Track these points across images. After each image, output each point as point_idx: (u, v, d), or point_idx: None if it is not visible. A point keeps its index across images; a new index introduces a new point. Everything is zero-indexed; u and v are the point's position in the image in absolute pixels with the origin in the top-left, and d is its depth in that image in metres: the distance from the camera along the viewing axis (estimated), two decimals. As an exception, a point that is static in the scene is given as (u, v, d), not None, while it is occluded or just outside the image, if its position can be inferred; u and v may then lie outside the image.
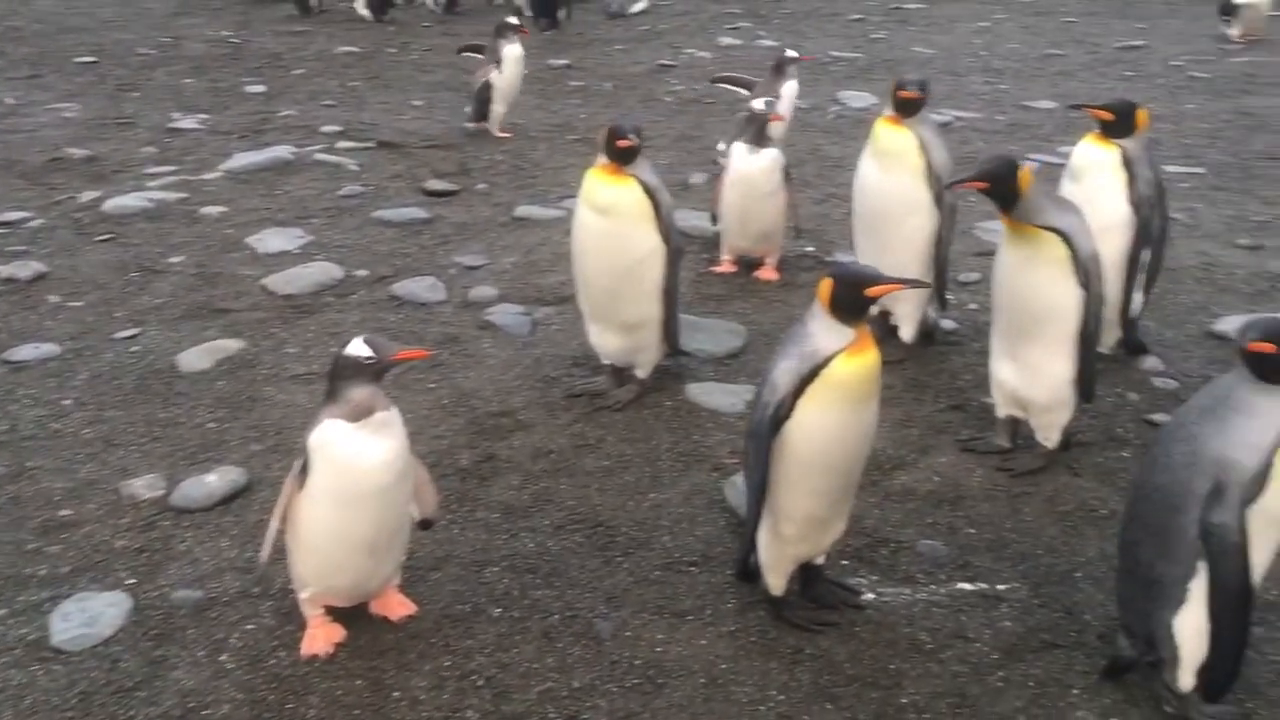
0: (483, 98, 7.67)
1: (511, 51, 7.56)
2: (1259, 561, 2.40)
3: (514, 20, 7.86)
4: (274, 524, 2.69)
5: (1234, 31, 11.35)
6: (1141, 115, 4.04)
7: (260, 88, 9.29)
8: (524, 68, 7.78)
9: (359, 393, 2.60)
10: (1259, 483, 2.35)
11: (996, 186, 3.31)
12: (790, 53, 6.94)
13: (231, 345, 4.42)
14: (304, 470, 2.61)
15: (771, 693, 2.65)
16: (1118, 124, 4.03)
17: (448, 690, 2.65)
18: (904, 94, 4.10)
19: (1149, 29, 12.24)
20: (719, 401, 4.01)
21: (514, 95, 7.79)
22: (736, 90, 7.16)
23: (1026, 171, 3.30)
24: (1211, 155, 7.28)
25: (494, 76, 7.58)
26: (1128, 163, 3.99)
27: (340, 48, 11.18)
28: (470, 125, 7.84)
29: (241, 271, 5.23)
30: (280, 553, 2.77)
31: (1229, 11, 11.43)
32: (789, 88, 6.74)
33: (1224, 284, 5.12)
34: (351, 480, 2.59)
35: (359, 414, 2.59)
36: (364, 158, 7.16)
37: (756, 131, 5.00)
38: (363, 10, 12.93)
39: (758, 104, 5.16)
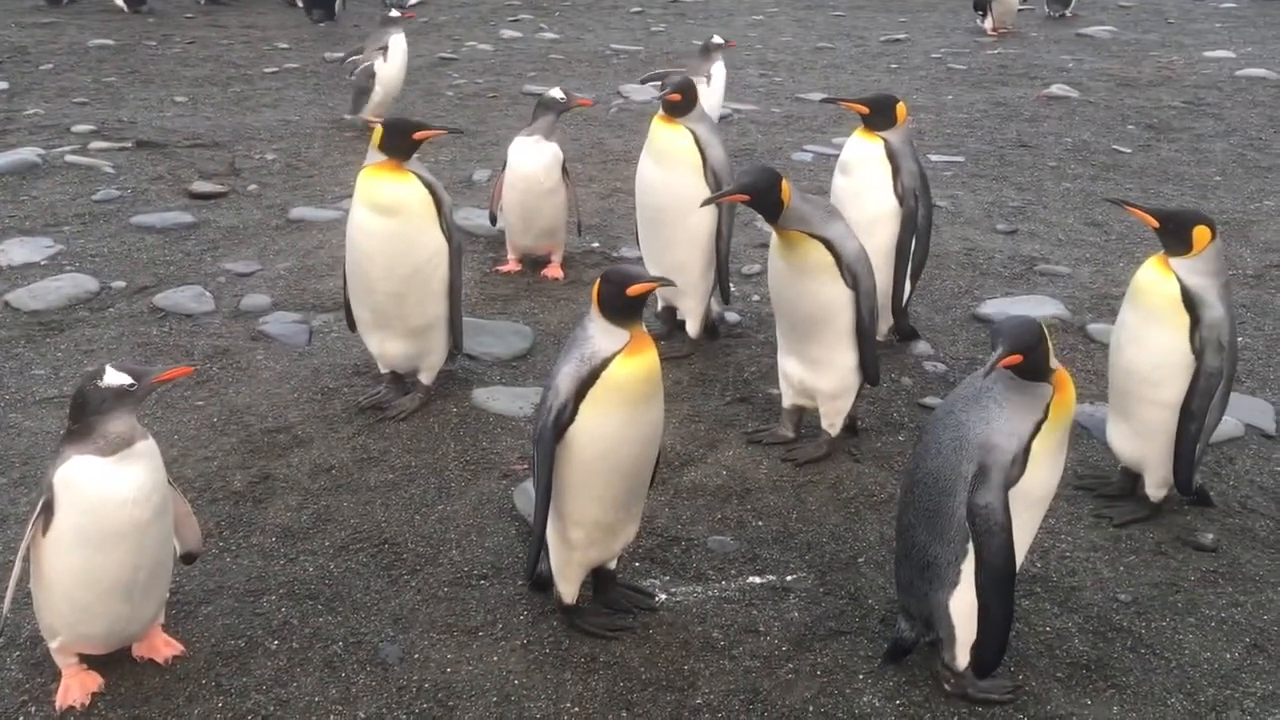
0: (364, 86, 7.41)
1: (398, 41, 7.44)
2: (1020, 541, 2.50)
3: (395, 14, 7.71)
4: (16, 569, 2.46)
5: (987, 25, 12.03)
6: (900, 108, 4.18)
7: (2, 84, 8.58)
8: (408, 58, 7.68)
9: (114, 424, 2.40)
10: (1020, 466, 2.46)
11: (758, 198, 3.35)
12: (716, 39, 7.12)
13: (-31, 369, 4.05)
14: (46, 510, 2.38)
15: (566, 705, 2.60)
16: (876, 117, 4.17)
17: (221, 734, 2.48)
18: (669, 98, 4.14)
19: (910, 23, 12.82)
20: (506, 406, 3.93)
21: (398, 86, 7.62)
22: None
23: (786, 182, 3.36)
24: (970, 144, 7.67)
25: (378, 65, 7.34)
26: (892, 156, 4.13)
27: (94, 40, 10.44)
28: (349, 116, 7.62)
29: (-19, 287, 4.80)
30: (27, 598, 2.54)
31: (982, 6, 12.10)
32: (718, 69, 7.01)
33: (985, 268, 5.40)
34: (102, 520, 2.38)
35: (114, 447, 2.39)
36: (121, 159, 6.70)
37: (549, 122, 4.92)
38: (118, 0, 12.12)
39: (555, 91, 5.06)
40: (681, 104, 4.15)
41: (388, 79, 7.42)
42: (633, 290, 2.57)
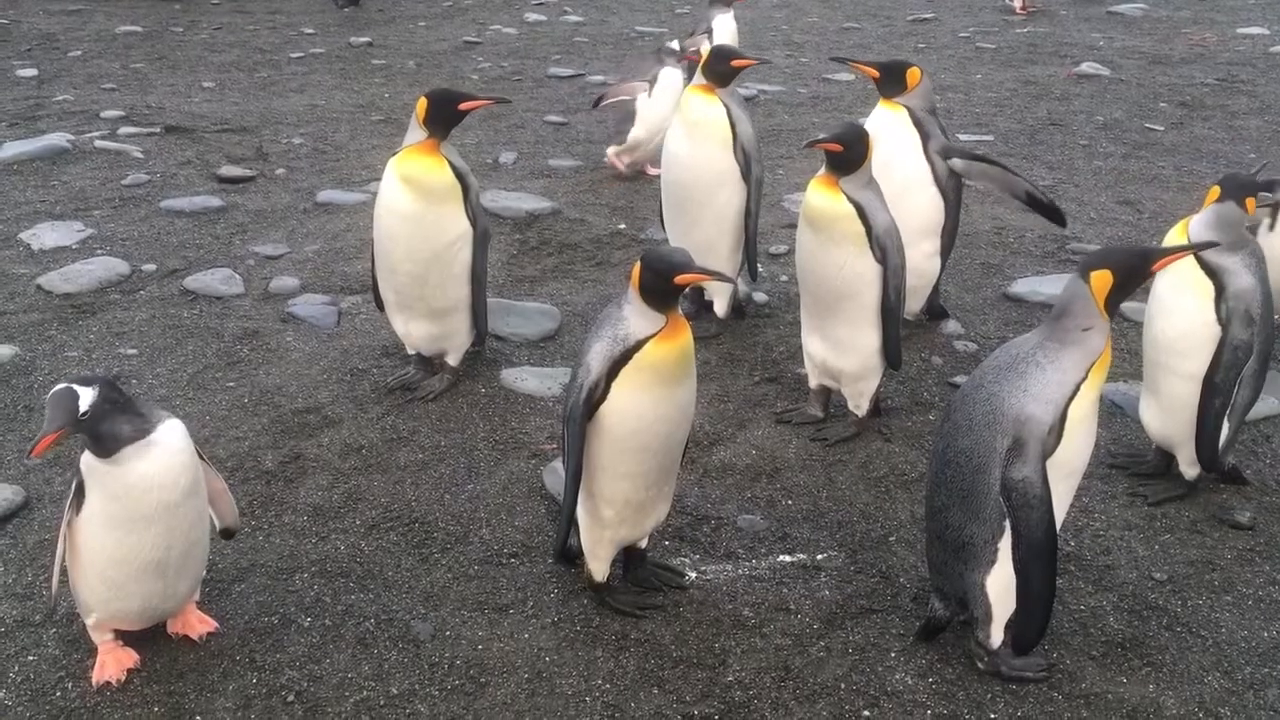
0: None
1: (670, 77, 7.05)
2: (1057, 513, 2.47)
3: (674, 44, 6.52)
4: (59, 550, 2.48)
5: (1016, 4, 11.90)
6: (912, 72, 4.14)
7: (31, 71, 8.63)
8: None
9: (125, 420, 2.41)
10: (1056, 435, 2.43)
11: (847, 151, 3.39)
12: (672, 44, 6.43)
13: (3, 351, 4.07)
14: (79, 493, 2.40)
15: (597, 682, 2.60)
16: (887, 81, 4.15)
17: (255, 709, 2.49)
18: (689, 57, 4.14)
19: (938, 2, 12.69)
20: (534, 386, 3.93)
21: (659, 131, 6.64)
22: None
23: (872, 144, 3.40)
24: (1000, 123, 7.60)
25: (640, 101, 6.19)
26: (917, 122, 4.09)
27: (121, 27, 10.49)
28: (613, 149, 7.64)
29: (14, 270, 4.83)
30: (63, 576, 2.56)
31: (1011, -16, 11.99)
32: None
33: (1015, 247, 5.34)
34: (129, 505, 2.39)
35: (136, 434, 2.39)
36: (150, 144, 6.73)
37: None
38: (143, -13, 12.08)
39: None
40: (714, 70, 4.09)
41: (650, 118, 6.10)
42: (680, 280, 2.55)
